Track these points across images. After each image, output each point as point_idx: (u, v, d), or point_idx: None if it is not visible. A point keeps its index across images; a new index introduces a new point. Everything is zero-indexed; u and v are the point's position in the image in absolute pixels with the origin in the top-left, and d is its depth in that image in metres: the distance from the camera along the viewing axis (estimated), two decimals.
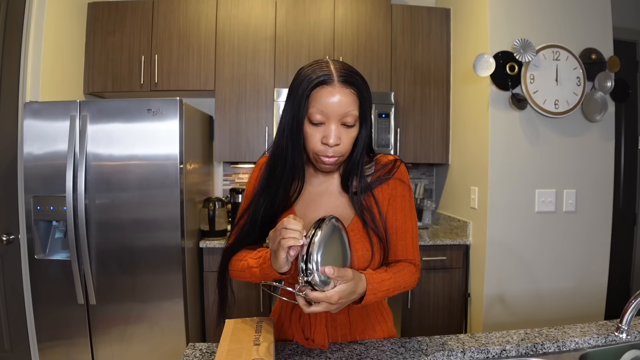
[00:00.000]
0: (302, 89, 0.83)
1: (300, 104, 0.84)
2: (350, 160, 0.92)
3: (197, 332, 2.33)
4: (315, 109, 0.83)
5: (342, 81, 0.82)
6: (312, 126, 0.85)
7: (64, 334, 2.06)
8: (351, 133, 0.87)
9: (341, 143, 0.85)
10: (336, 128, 0.84)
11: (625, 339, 0.83)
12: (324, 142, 0.84)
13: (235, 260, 0.97)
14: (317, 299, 0.75)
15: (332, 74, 0.83)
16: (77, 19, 2.49)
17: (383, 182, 0.96)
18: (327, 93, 0.82)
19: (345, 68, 0.85)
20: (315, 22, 2.62)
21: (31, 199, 2.00)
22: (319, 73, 0.83)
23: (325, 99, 0.82)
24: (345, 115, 0.83)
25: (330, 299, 0.75)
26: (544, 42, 2.17)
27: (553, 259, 2.23)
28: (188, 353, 0.93)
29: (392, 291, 0.89)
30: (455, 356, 0.93)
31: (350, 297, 0.79)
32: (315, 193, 0.97)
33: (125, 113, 2.01)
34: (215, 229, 2.38)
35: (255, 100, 2.60)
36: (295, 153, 0.88)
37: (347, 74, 0.83)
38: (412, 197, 0.99)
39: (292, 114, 0.85)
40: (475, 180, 2.34)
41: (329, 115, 0.83)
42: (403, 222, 0.96)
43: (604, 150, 2.26)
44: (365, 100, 0.87)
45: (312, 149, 0.87)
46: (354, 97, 0.84)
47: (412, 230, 0.97)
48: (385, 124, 2.55)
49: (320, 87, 0.82)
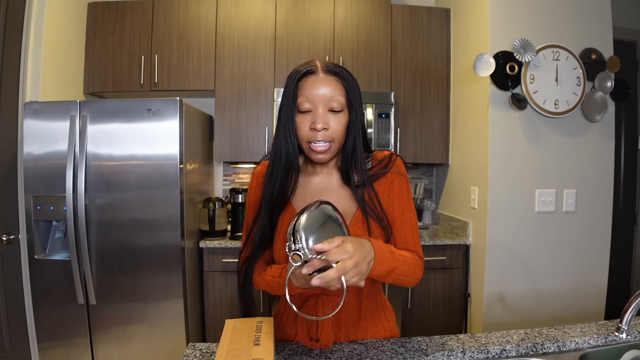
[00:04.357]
0: (290, 81, 0.90)
1: (290, 96, 0.90)
2: (345, 151, 0.94)
3: (197, 332, 2.33)
4: (303, 97, 0.88)
5: (326, 70, 0.90)
6: (300, 115, 0.90)
7: (64, 334, 2.06)
8: (340, 119, 0.90)
9: (329, 128, 0.89)
10: (323, 113, 0.88)
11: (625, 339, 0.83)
12: (312, 127, 0.88)
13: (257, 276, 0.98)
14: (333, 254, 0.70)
15: (316, 65, 0.90)
16: (77, 19, 2.49)
17: (381, 177, 0.98)
18: (311, 81, 0.89)
19: (331, 63, 0.92)
20: (315, 22, 2.62)
21: (31, 199, 2.00)
22: (306, 67, 0.90)
23: (310, 86, 0.88)
24: (330, 100, 0.88)
25: (345, 249, 0.71)
26: (544, 42, 2.17)
27: (553, 259, 2.23)
28: (188, 353, 0.93)
29: (400, 267, 0.87)
30: (455, 356, 0.93)
31: (362, 249, 0.74)
32: (316, 190, 0.98)
33: (125, 113, 2.01)
34: (215, 229, 2.38)
35: (255, 100, 2.60)
36: (289, 146, 0.92)
37: (331, 66, 0.91)
38: (410, 190, 1.00)
39: (285, 108, 0.91)
40: (475, 180, 2.34)
41: (315, 101, 0.88)
42: (400, 214, 0.97)
43: (604, 150, 2.26)
44: (352, 88, 0.92)
45: (303, 137, 0.91)
46: (338, 84, 0.90)
47: (411, 221, 0.98)
48: (385, 124, 2.55)
49: (305, 77, 0.89)
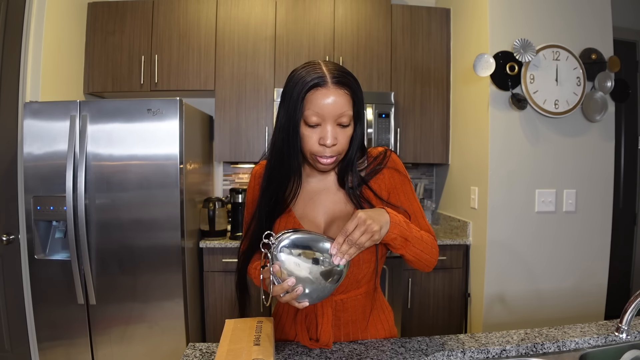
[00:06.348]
0: (296, 92, 0.85)
1: (295, 107, 0.85)
2: (345, 158, 0.94)
3: (197, 332, 2.33)
4: (311, 111, 0.84)
5: (335, 82, 0.84)
6: (308, 128, 0.87)
7: (64, 334, 2.06)
8: (347, 132, 0.89)
9: (338, 143, 0.87)
10: (332, 129, 0.86)
11: (625, 339, 0.83)
12: (322, 143, 0.86)
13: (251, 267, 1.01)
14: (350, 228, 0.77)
15: (325, 75, 0.84)
16: (77, 19, 2.49)
17: (377, 173, 0.97)
18: (322, 95, 0.84)
19: (337, 69, 0.87)
20: (315, 22, 2.62)
21: (31, 199, 2.00)
22: (313, 75, 0.84)
23: (321, 101, 0.84)
24: (340, 115, 0.85)
25: (359, 219, 0.77)
26: (544, 42, 2.17)
27: (553, 259, 2.22)
28: (188, 353, 0.93)
29: (415, 239, 0.89)
30: (455, 356, 0.93)
31: (375, 215, 0.80)
32: (313, 192, 0.98)
33: (125, 113, 2.01)
34: (215, 229, 2.38)
35: (255, 100, 2.60)
36: (292, 155, 0.90)
37: (340, 75, 0.86)
38: (410, 180, 1.01)
39: (288, 117, 0.87)
40: (475, 180, 2.34)
41: (325, 116, 0.85)
42: (409, 205, 0.98)
43: (604, 150, 2.26)
44: (359, 99, 0.89)
45: (310, 150, 0.88)
46: (347, 98, 0.86)
47: (419, 209, 1.00)
48: (385, 124, 2.55)
49: (314, 89, 0.84)
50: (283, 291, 0.79)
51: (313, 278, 0.79)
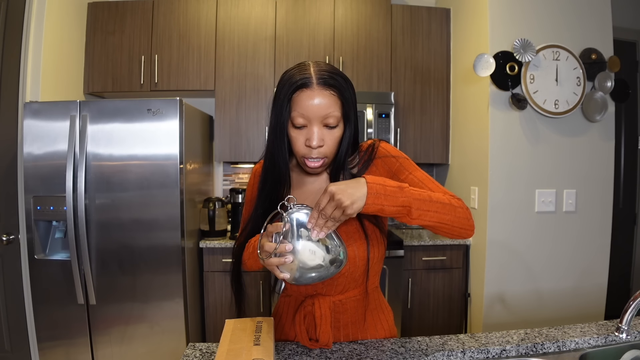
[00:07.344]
0: (283, 93, 0.85)
1: (282, 108, 0.85)
2: (335, 160, 0.93)
3: (197, 332, 2.33)
4: (297, 112, 0.84)
5: (321, 83, 0.84)
6: (295, 129, 0.87)
7: (64, 334, 2.06)
8: (334, 134, 0.87)
9: (324, 144, 0.87)
10: (318, 130, 0.85)
11: (625, 339, 0.83)
12: (307, 145, 0.86)
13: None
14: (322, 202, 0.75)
15: (311, 76, 0.84)
16: (77, 19, 2.49)
17: (370, 166, 0.96)
18: (307, 96, 0.83)
19: (326, 70, 0.86)
20: (315, 22, 2.62)
21: (31, 199, 2.00)
22: (299, 77, 0.84)
23: (305, 102, 0.83)
24: (326, 116, 0.84)
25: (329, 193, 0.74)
26: (544, 42, 2.17)
27: (553, 259, 2.23)
28: (188, 353, 0.93)
29: (426, 205, 0.80)
30: (455, 356, 0.93)
31: (349, 189, 0.75)
32: (309, 192, 0.99)
33: (125, 113, 2.01)
34: (215, 229, 2.38)
35: (255, 100, 2.60)
36: (280, 156, 0.90)
37: (327, 76, 0.85)
38: (407, 158, 0.96)
39: (276, 118, 0.87)
40: (475, 180, 2.34)
41: (310, 117, 0.84)
42: (413, 177, 0.92)
43: (604, 150, 2.26)
44: (347, 100, 0.87)
45: (298, 152, 0.89)
46: (334, 99, 0.85)
47: (426, 177, 0.93)
48: (385, 124, 2.55)
49: (300, 90, 0.84)
50: (280, 252, 0.76)
51: (309, 253, 0.77)
